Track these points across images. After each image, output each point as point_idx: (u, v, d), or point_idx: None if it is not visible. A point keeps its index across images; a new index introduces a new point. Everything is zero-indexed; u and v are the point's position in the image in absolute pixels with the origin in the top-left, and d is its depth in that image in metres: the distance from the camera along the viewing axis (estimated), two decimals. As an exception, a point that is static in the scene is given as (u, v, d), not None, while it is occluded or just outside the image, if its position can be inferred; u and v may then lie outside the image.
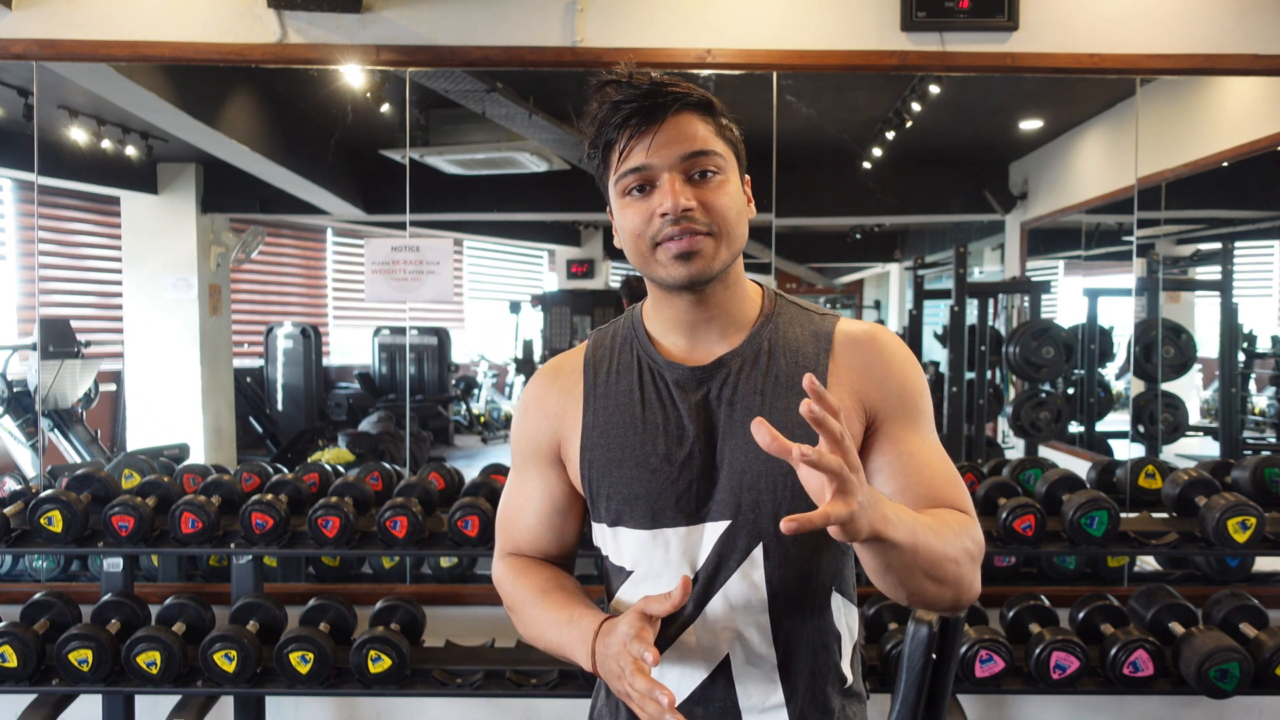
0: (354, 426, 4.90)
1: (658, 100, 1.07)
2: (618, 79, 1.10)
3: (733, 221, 1.10)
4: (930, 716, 1.35)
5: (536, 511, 1.24)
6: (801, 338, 1.16)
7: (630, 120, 1.07)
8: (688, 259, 1.07)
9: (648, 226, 1.08)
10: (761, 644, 1.13)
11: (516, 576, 1.24)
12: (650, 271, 1.12)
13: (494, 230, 5.37)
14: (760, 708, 1.13)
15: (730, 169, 1.11)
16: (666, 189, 1.06)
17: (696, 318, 1.15)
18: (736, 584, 1.11)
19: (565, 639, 1.14)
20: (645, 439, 1.13)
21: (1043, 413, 3.74)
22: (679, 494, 1.12)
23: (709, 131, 1.09)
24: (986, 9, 2.47)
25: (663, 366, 1.16)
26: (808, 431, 1.04)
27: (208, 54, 2.48)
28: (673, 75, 1.11)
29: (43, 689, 2.26)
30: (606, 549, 1.20)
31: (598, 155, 1.13)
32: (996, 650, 2.12)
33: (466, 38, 2.49)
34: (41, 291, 3.86)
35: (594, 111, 1.11)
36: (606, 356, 1.21)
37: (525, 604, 1.21)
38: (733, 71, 2.55)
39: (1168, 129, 3.06)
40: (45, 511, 2.27)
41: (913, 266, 4.97)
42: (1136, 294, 3.59)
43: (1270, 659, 2.11)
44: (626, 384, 1.17)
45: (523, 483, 1.26)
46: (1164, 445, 3.55)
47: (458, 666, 2.30)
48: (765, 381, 1.13)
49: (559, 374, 1.23)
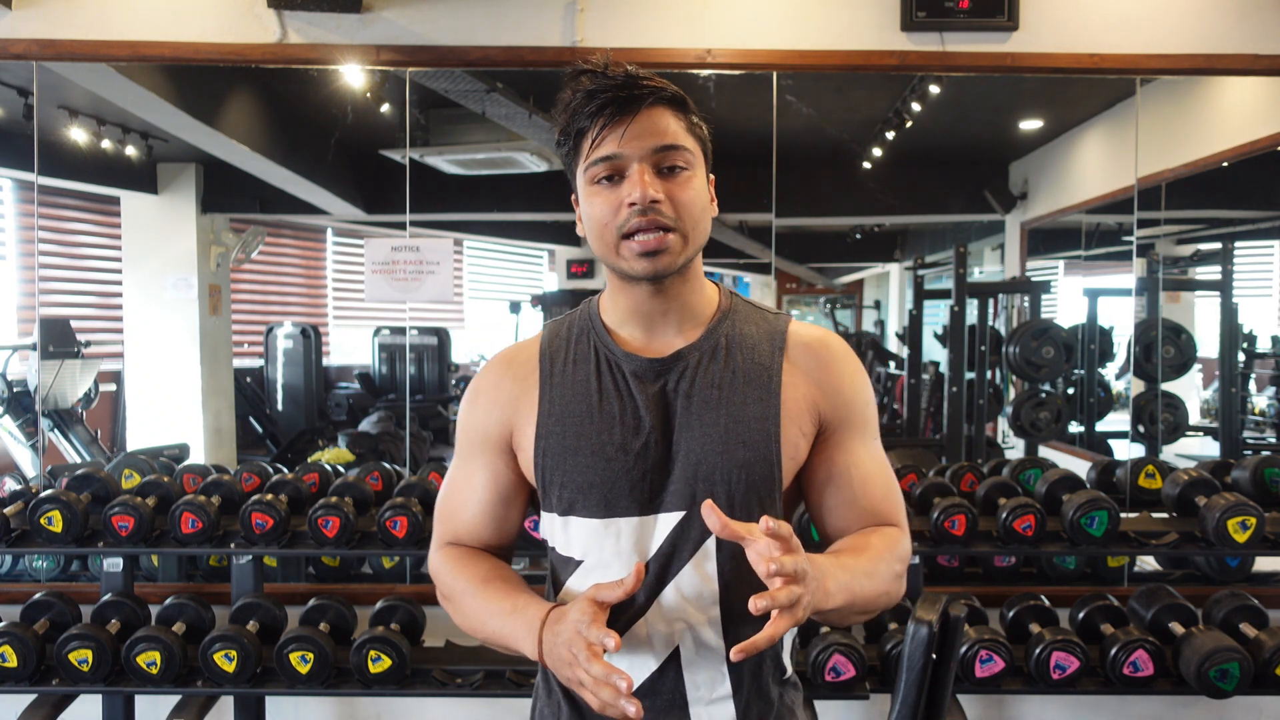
0: (354, 426, 4.90)
1: (633, 92, 1.09)
2: (593, 69, 1.12)
3: (697, 217, 1.12)
4: (930, 716, 1.35)
5: (481, 500, 1.24)
6: (757, 336, 1.19)
7: (605, 110, 1.09)
8: (653, 255, 1.09)
9: (615, 216, 1.10)
10: (712, 636, 1.14)
11: (455, 566, 1.23)
12: (614, 262, 1.13)
13: (494, 230, 5.36)
14: (708, 699, 1.15)
15: (698, 166, 1.14)
16: (636, 179, 1.08)
17: (654, 309, 1.17)
18: (689, 575, 1.13)
19: (508, 628, 1.13)
20: (601, 428, 1.14)
21: (1043, 413, 3.74)
22: (633, 483, 1.13)
23: (680, 127, 1.12)
24: (986, 9, 2.47)
25: (620, 357, 1.17)
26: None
27: (208, 54, 2.48)
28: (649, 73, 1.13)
29: (43, 689, 2.26)
30: (555, 540, 1.19)
31: (568, 142, 1.14)
32: (996, 650, 2.12)
33: (466, 38, 2.49)
34: (41, 291, 3.86)
35: (567, 99, 1.13)
36: (563, 347, 1.21)
37: (464, 594, 1.20)
38: (733, 71, 2.56)
39: (1168, 129, 3.06)
40: (45, 511, 2.27)
41: (913, 266, 4.96)
42: (1136, 294, 3.59)
43: (1270, 659, 2.11)
44: (583, 374, 1.18)
45: (468, 472, 1.25)
46: (1164, 445, 3.55)
47: (458, 666, 2.30)
48: (723, 375, 1.15)
49: (513, 363, 1.23)
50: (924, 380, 4.71)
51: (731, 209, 4.45)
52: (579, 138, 1.12)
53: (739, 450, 1.12)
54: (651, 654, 1.14)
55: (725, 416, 1.13)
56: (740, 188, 4.24)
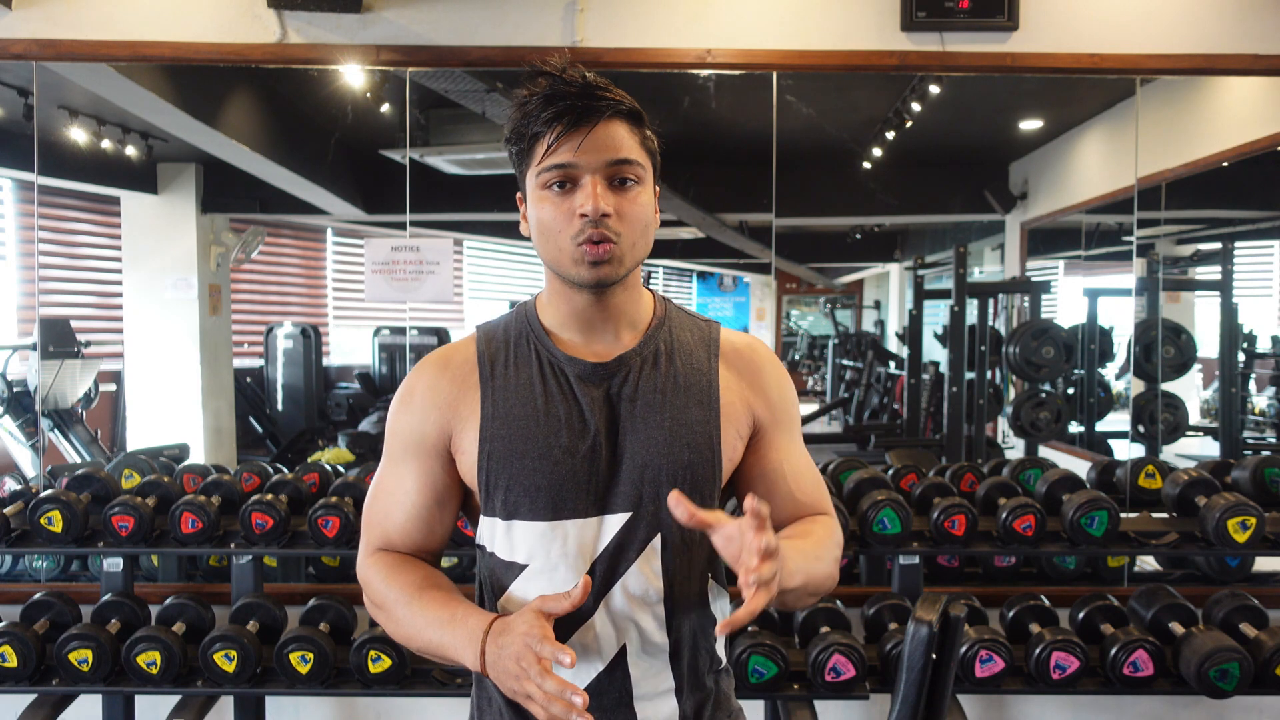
0: (354, 426, 4.90)
1: (592, 103, 1.10)
2: (551, 71, 1.12)
3: (641, 230, 1.15)
4: (930, 716, 1.35)
5: (414, 504, 1.22)
6: (693, 342, 1.24)
7: (562, 118, 1.10)
8: (598, 265, 1.11)
9: (567, 224, 1.12)
10: (656, 632, 1.16)
11: (387, 574, 1.21)
12: (560, 267, 1.15)
13: (494, 230, 5.36)
14: (652, 694, 1.17)
15: (647, 180, 1.16)
16: (589, 191, 1.10)
17: (595, 315, 1.19)
18: (635, 575, 1.15)
19: (447, 639, 1.12)
20: (548, 431, 1.15)
21: (1043, 413, 3.74)
22: (580, 486, 1.14)
23: (634, 141, 1.14)
24: (986, 9, 2.47)
25: (563, 361, 1.18)
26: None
27: (208, 54, 2.48)
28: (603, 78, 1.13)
29: (43, 689, 2.26)
30: (495, 544, 1.19)
31: (521, 143, 1.15)
32: (996, 650, 2.12)
33: (466, 38, 2.49)
34: (41, 291, 3.86)
35: (522, 99, 1.14)
36: (501, 349, 1.21)
37: (397, 603, 1.18)
38: (733, 71, 2.55)
39: (1168, 129, 3.06)
40: (45, 511, 2.27)
41: (913, 266, 4.97)
42: (1136, 294, 3.59)
43: (1270, 659, 2.11)
44: (526, 376, 1.18)
45: (399, 475, 1.23)
46: (1164, 445, 3.55)
47: (455, 666, 2.30)
48: (665, 380, 1.19)
49: (448, 364, 1.22)
50: (924, 380, 4.71)
51: (731, 209, 4.46)
52: (533, 141, 1.13)
53: (683, 452, 1.16)
54: (599, 655, 1.15)
55: (669, 420, 1.16)
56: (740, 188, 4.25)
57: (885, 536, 2.23)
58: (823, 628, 2.22)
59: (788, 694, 2.14)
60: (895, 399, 5.52)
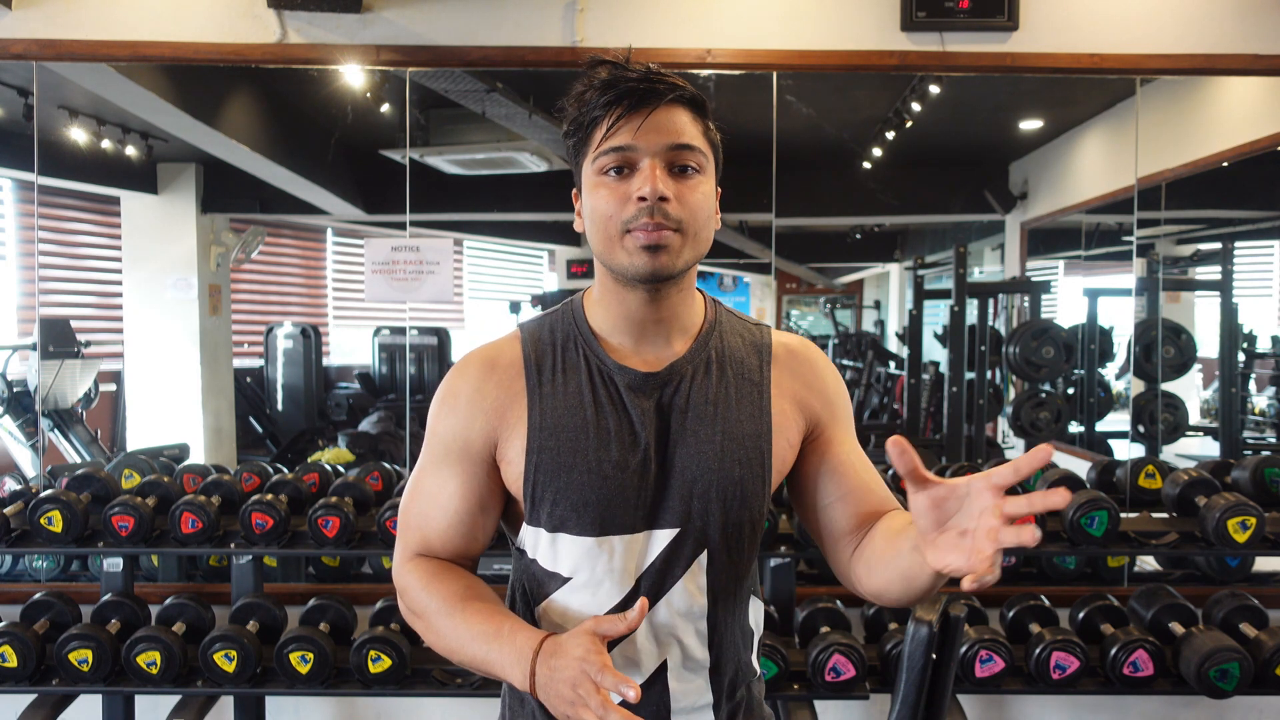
0: (354, 426, 4.90)
1: (653, 87, 1.06)
2: (612, 60, 1.09)
3: (702, 222, 1.10)
4: (930, 716, 1.35)
5: (456, 510, 1.16)
6: (743, 349, 1.19)
7: (622, 100, 1.06)
8: (655, 251, 1.06)
9: (621, 210, 1.06)
10: (698, 648, 1.14)
11: (427, 581, 1.16)
12: (613, 258, 1.09)
13: (494, 230, 5.36)
14: (690, 709, 1.15)
15: (709, 171, 1.12)
16: (648, 174, 1.05)
17: (648, 317, 1.13)
18: (680, 591, 1.12)
19: (493, 655, 1.07)
20: (598, 444, 1.10)
21: (1043, 413, 3.74)
22: (629, 501, 1.11)
23: (697, 129, 1.10)
24: (986, 9, 2.47)
25: (613, 369, 1.13)
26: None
27: (208, 54, 2.48)
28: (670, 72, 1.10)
29: (43, 689, 2.26)
30: (538, 553, 1.15)
31: (578, 133, 1.10)
32: (996, 650, 2.12)
33: (466, 38, 2.49)
34: (41, 291, 3.86)
35: (580, 89, 1.09)
36: (549, 353, 1.16)
37: (438, 613, 1.14)
38: (733, 71, 2.55)
39: (1168, 129, 3.06)
40: (45, 511, 2.27)
41: (913, 266, 4.96)
42: (1136, 294, 3.59)
43: (1270, 659, 2.11)
44: (575, 385, 1.13)
45: (442, 479, 1.17)
46: (1164, 445, 3.55)
47: (457, 667, 2.30)
48: (717, 390, 1.14)
49: (495, 367, 1.16)
50: (924, 380, 4.71)
51: (731, 209, 4.45)
52: (590, 128, 1.08)
53: (734, 467, 1.12)
54: (639, 669, 1.12)
55: (720, 433, 1.13)
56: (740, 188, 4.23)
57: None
58: (823, 628, 2.22)
59: (788, 694, 2.14)
60: (895, 399, 5.52)
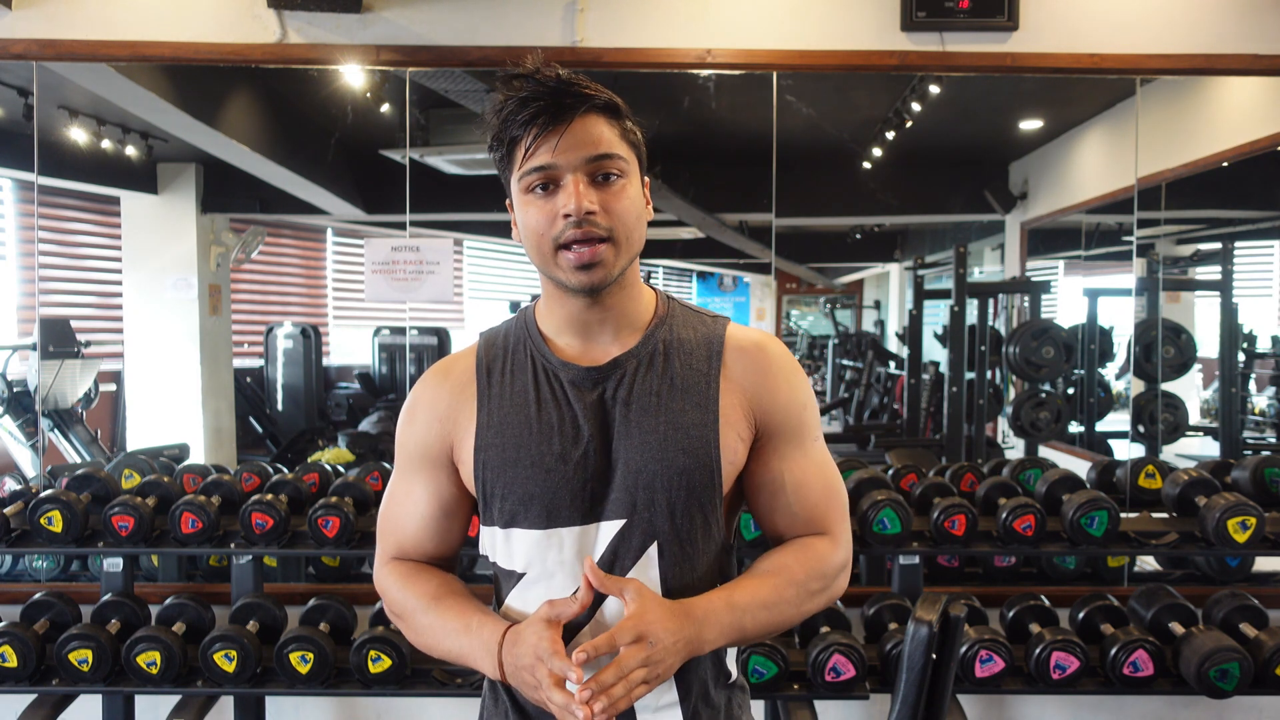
0: (354, 426, 4.89)
1: (564, 100, 1.08)
2: (524, 73, 1.10)
3: (631, 225, 1.12)
4: (930, 716, 1.35)
5: (423, 515, 1.23)
6: (694, 341, 1.19)
7: (538, 119, 1.08)
8: (589, 269, 1.09)
9: (551, 226, 1.10)
10: None
11: (404, 583, 1.22)
12: (550, 272, 1.13)
13: (494, 230, 5.36)
14: (654, 707, 1.15)
15: (632, 172, 1.13)
16: (571, 190, 1.08)
17: (591, 318, 1.16)
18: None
19: (465, 648, 1.14)
20: (541, 438, 1.14)
21: (1043, 413, 3.74)
22: (574, 493, 1.13)
23: (614, 135, 1.11)
24: (986, 9, 2.47)
25: (557, 366, 1.17)
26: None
27: (208, 54, 2.48)
28: (578, 75, 1.11)
29: (43, 689, 2.26)
30: (496, 554, 1.19)
31: (501, 149, 1.13)
32: (996, 650, 2.12)
33: (466, 38, 2.49)
34: (41, 291, 3.86)
35: (499, 105, 1.11)
36: (500, 356, 1.20)
37: (415, 611, 1.19)
38: (733, 71, 2.55)
39: (1168, 129, 3.06)
40: (45, 511, 2.27)
41: (913, 266, 4.97)
42: (1136, 294, 3.59)
43: (1270, 659, 2.11)
44: (521, 384, 1.17)
45: (409, 486, 1.24)
46: (1164, 445, 3.55)
47: (457, 667, 2.30)
48: (660, 383, 1.15)
49: (449, 375, 1.22)
50: (924, 380, 4.71)
51: (731, 209, 4.46)
52: (512, 145, 1.11)
53: (678, 457, 1.13)
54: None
55: (664, 424, 1.13)
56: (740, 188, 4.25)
57: (885, 536, 2.23)
58: (823, 628, 2.22)
59: (788, 694, 2.14)
60: (895, 399, 5.52)
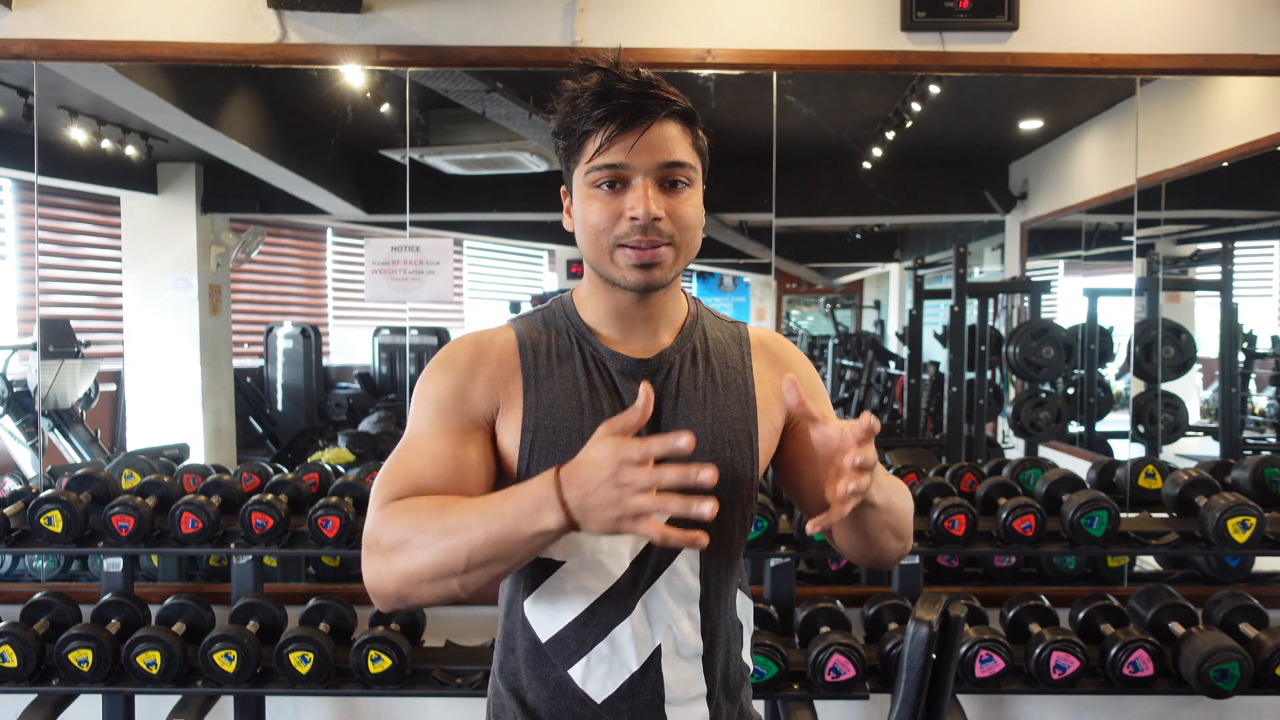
0: (354, 426, 4.90)
1: (644, 103, 1.08)
2: (604, 66, 1.10)
3: (693, 233, 1.14)
4: (930, 716, 1.35)
5: (444, 467, 1.09)
6: (725, 340, 1.25)
7: (615, 117, 1.07)
8: (648, 268, 1.10)
9: (614, 225, 1.10)
10: (691, 634, 1.16)
11: (412, 504, 1.05)
12: (605, 268, 1.13)
13: (494, 230, 5.36)
14: (684, 699, 1.16)
15: (697, 182, 1.15)
16: (640, 194, 1.08)
17: (636, 314, 1.17)
18: (674, 574, 1.14)
19: (509, 516, 0.96)
20: (594, 425, 1.09)
21: (1043, 413, 3.74)
22: None
23: (686, 143, 1.12)
24: (986, 9, 2.47)
25: (605, 355, 1.17)
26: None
27: (208, 54, 2.48)
28: (657, 75, 1.11)
29: (43, 689, 2.26)
30: None
31: (570, 140, 1.12)
32: (996, 650, 2.12)
33: (466, 38, 2.49)
34: (41, 291, 3.86)
35: (572, 93, 1.11)
36: (542, 339, 1.18)
37: (423, 527, 1.01)
38: (733, 71, 2.55)
39: (1168, 129, 3.06)
40: (45, 511, 2.27)
41: (913, 266, 4.96)
42: (1136, 294, 3.59)
43: (1270, 659, 2.11)
44: (569, 370, 1.16)
45: (433, 434, 1.11)
46: (1164, 445, 3.55)
47: (458, 666, 2.30)
48: (704, 378, 1.19)
49: (491, 345, 1.16)
50: (924, 380, 4.71)
51: (731, 209, 4.45)
52: (583, 138, 1.10)
53: (724, 450, 1.16)
54: (635, 655, 1.13)
55: (710, 417, 1.16)
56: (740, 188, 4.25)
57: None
58: (823, 628, 2.22)
59: (788, 694, 2.14)
60: (895, 399, 5.52)
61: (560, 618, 1.14)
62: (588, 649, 1.13)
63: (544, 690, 1.15)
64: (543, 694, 1.15)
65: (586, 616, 1.13)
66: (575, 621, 1.13)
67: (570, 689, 1.14)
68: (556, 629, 1.14)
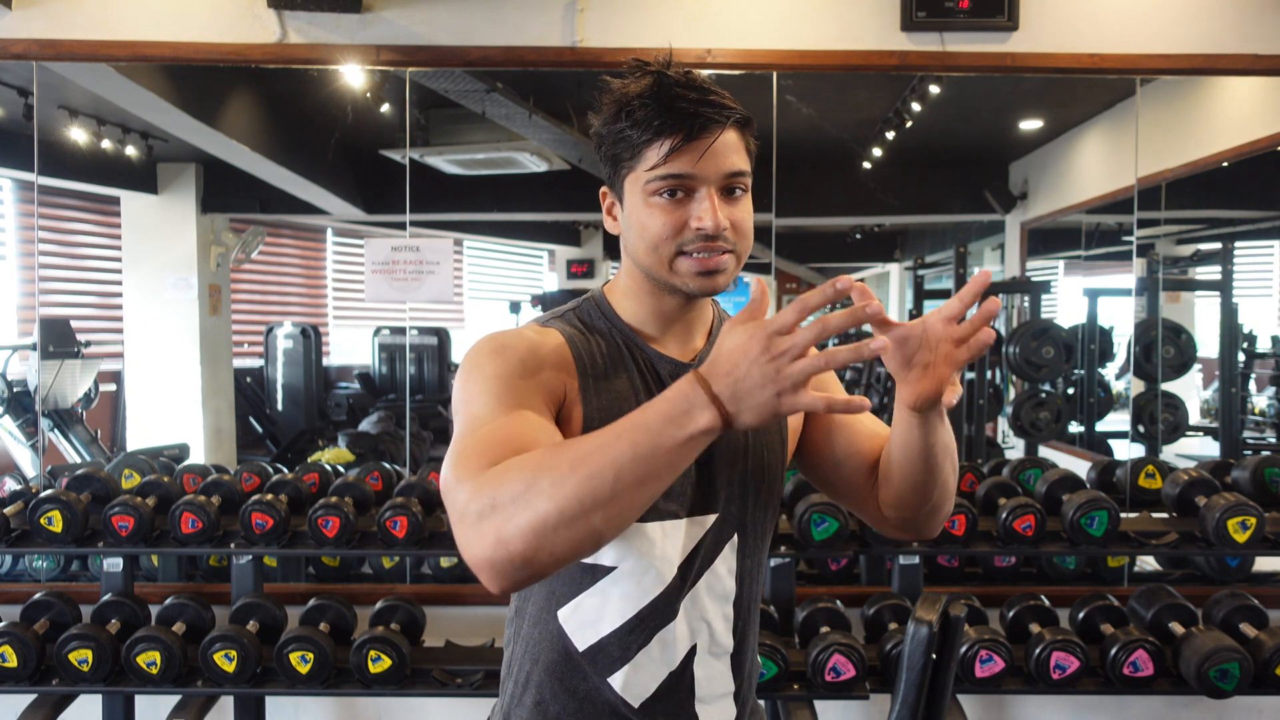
0: (354, 426, 4.89)
1: (711, 113, 1.06)
2: (661, 70, 1.08)
3: (750, 240, 1.14)
4: (930, 716, 1.35)
5: (547, 429, 1.02)
6: None
7: (680, 126, 1.05)
8: (711, 275, 1.09)
9: (677, 234, 1.07)
10: (724, 633, 1.17)
11: (516, 462, 0.92)
12: (661, 274, 1.10)
13: (494, 230, 5.36)
14: (713, 697, 1.17)
15: (750, 186, 1.15)
16: (708, 206, 1.07)
17: (679, 316, 1.17)
18: (713, 575, 1.15)
19: (653, 424, 0.88)
20: None
21: (1043, 413, 3.74)
22: (675, 489, 1.12)
23: (744, 150, 1.12)
24: (986, 9, 2.47)
25: (655, 358, 1.16)
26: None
27: (208, 54, 2.48)
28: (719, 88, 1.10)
29: (43, 689, 2.26)
30: None
31: (622, 144, 1.09)
32: (996, 650, 2.12)
33: (466, 38, 2.49)
34: (41, 291, 3.86)
35: (624, 96, 1.08)
36: (588, 342, 1.15)
37: (551, 457, 0.90)
38: (733, 71, 2.55)
39: (1168, 129, 3.06)
40: (45, 511, 2.28)
41: (913, 266, 4.96)
42: (1136, 294, 3.59)
43: (1270, 659, 2.11)
44: (625, 375, 1.14)
45: (515, 403, 1.02)
46: (1164, 445, 3.55)
47: (458, 666, 2.30)
48: None
49: (543, 343, 1.11)
50: (924, 380, 4.69)
51: (731, 209, 4.46)
52: (642, 145, 1.07)
53: (762, 451, 1.18)
54: (676, 653, 1.14)
55: None
56: (740, 188, 4.24)
57: (885, 536, 2.23)
58: (823, 628, 2.22)
59: (788, 694, 2.14)
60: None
61: (603, 625, 1.12)
62: (633, 654, 1.11)
63: (571, 702, 1.13)
64: (569, 705, 1.13)
65: (634, 623, 1.11)
66: (621, 628, 1.11)
67: (601, 699, 1.12)
68: (597, 637, 1.12)
